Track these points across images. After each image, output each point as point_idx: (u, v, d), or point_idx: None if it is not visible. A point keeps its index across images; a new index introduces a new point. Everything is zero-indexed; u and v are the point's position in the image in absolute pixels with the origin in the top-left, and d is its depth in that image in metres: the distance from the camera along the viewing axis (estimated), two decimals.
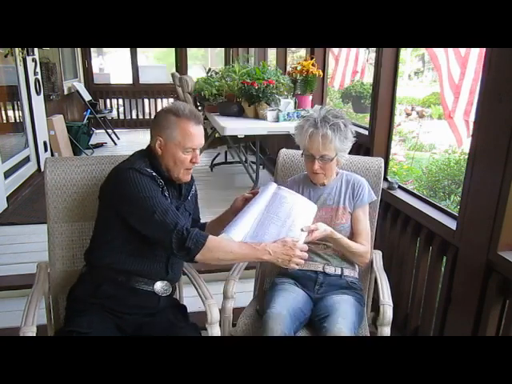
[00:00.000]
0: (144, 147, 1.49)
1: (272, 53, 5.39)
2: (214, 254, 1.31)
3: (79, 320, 1.34)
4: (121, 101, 7.49)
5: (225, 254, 1.31)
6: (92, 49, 7.39)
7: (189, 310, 1.57)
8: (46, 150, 4.63)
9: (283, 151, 1.91)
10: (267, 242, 1.35)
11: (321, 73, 3.35)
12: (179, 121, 1.36)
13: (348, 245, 1.59)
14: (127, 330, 1.40)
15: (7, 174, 3.69)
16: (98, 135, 6.37)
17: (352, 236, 1.65)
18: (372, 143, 2.31)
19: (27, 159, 4.30)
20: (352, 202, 1.65)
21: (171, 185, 1.46)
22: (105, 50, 9.74)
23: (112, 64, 9.96)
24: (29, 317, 1.30)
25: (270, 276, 1.86)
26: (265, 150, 5.01)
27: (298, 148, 1.69)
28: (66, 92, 5.90)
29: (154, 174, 1.38)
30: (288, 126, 3.08)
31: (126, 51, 7.43)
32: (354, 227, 1.65)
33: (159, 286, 1.45)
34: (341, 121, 1.56)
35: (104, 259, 1.41)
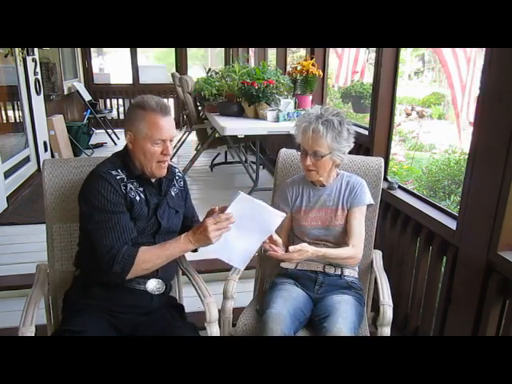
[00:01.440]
0: None
1: (272, 53, 5.39)
2: (143, 267, 1.35)
3: (74, 320, 1.34)
4: (121, 101, 7.49)
5: (153, 263, 1.37)
6: (92, 49, 7.39)
7: (188, 310, 1.56)
8: (46, 150, 4.63)
9: (283, 151, 1.91)
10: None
11: (321, 73, 3.35)
12: (145, 114, 1.36)
13: (334, 255, 1.56)
14: (123, 330, 1.40)
15: (7, 174, 3.69)
16: (98, 135, 6.37)
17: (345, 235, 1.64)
18: (372, 143, 2.31)
19: (27, 159, 4.30)
20: (350, 201, 1.65)
21: (148, 183, 1.45)
22: (105, 50, 9.75)
23: (112, 64, 9.96)
24: (27, 317, 1.30)
25: (269, 276, 1.86)
26: (265, 149, 5.01)
27: (298, 148, 1.69)
28: (66, 92, 5.89)
29: (120, 176, 1.39)
30: (288, 126, 3.07)
31: (126, 51, 7.42)
32: (348, 226, 1.63)
33: (152, 284, 1.45)
34: (336, 119, 1.55)
35: (91, 262, 1.40)
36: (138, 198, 1.41)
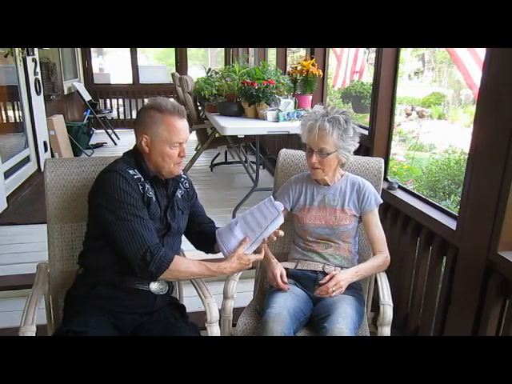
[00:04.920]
0: None
1: (272, 53, 5.40)
2: (174, 275, 1.38)
3: (76, 320, 1.33)
4: (121, 101, 7.50)
5: (184, 274, 1.40)
6: (92, 49, 7.40)
7: (189, 310, 1.56)
8: (46, 150, 4.63)
9: (283, 151, 1.91)
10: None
11: (321, 73, 3.35)
12: (163, 116, 1.35)
13: (370, 268, 1.60)
14: (125, 330, 1.40)
15: (7, 174, 3.69)
16: (98, 135, 6.38)
17: (354, 239, 1.65)
18: (372, 143, 2.31)
19: (27, 159, 4.30)
20: (358, 206, 1.65)
21: (160, 184, 1.46)
22: (105, 50, 9.75)
23: (112, 64, 9.97)
24: (28, 316, 1.30)
25: None
26: (265, 149, 5.01)
27: (297, 148, 1.69)
28: (66, 92, 5.89)
29: (137, 176, 1.38)
30: (288, 126, 3.07)
31: (126, 51, 7.43)
32: (369, 233, 1.66)
33: (155, 284, 1.44)
34: (342, 116, 1.55)
35: (97, 261, 1.40)
36: (153, 198, 1.41)
